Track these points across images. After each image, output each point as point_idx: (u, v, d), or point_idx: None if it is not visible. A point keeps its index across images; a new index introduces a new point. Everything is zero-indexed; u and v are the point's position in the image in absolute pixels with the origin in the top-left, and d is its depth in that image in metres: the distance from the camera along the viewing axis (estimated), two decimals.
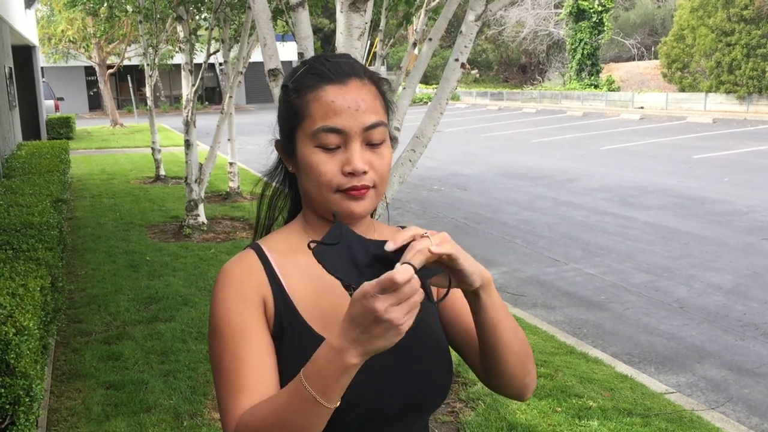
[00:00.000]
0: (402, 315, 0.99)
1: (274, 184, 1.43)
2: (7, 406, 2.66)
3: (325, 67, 1.26)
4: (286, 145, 1.31)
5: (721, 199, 10.86)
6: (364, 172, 1.21)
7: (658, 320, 5.99)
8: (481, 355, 1.27)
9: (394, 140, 1.34)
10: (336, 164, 1.21)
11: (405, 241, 1.05)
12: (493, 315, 1.19)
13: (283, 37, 6.68)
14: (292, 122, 1.27)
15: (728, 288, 6.74)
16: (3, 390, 2.63)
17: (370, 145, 1.24)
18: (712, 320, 5.95)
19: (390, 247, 1.07)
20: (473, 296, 1.17)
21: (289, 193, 1.41)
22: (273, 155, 1.41)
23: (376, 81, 1.30)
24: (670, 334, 5.70)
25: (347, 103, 1.22)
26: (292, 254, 1.30)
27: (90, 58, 27.61)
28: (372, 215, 1.39)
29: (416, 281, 1.00)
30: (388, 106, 1.31)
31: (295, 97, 1.27)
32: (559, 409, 4.19)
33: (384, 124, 1.26)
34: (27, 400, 2.75)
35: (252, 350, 1.19)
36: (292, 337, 1.22)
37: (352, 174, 1.21)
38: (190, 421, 4.05)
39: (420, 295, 1.00)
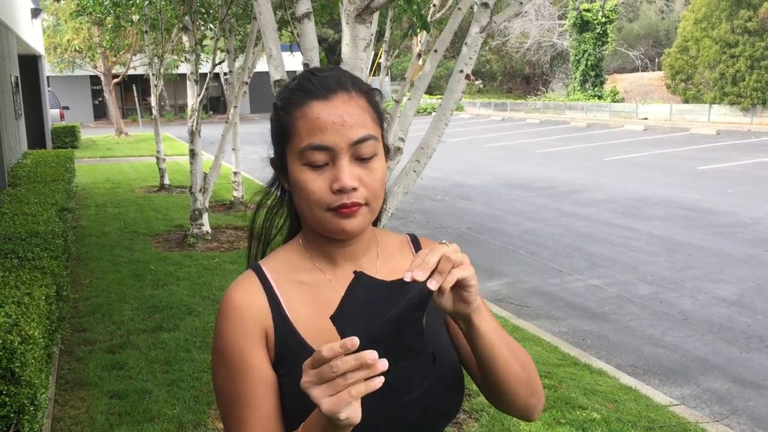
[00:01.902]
0: (322, 395, 0.94)
1: (269, 201, 1.39)
2: (12, 415, 2.67)
3: (311, 82, 1.23)
4: (279, 162, 1.28)
5: (725, 211, 10.84)
6: (354, 189, 1.17)
7: (662, 332, 5.98)
8: (481, 376, 1.26)
9: (397, 151, 1.32)
10: (325, 182, 1.18)
11: (431, 268, 1.02)
12: (487, 339, 1.17)
13: (290, 47, 6.69)
14: (282, 141, 1.25)
15: (732, 300, 6.73)
16: (8, 399, 2.64)
17: (360, 160, 1.19)
18: (716, 332, 5.94)
19: (408, 277, 1.01)
20: (465, 322, 1.15)
21: (288, 210, 1.38)
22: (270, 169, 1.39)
23: (366, 92, 1.25)
24: (675, 345, 5.68)
25: (332, 118, 1.18)
26: (293, 274, 1.28)
27: (95, 67, 27.73)
28: (376, 224, 1.37)
29: (357, 359, 0.92)
30: (381, 118, 1.27)
31: (283, 114, 1.24)
32: (563, 420, 4.18)
33: (373, 137, 1.21)
34: (31, 408, 2.76)
35: (257, 392, 1.18)
36: (293, 360, 1.19)
37: (341, 191, 1.17)
38: (194, 430, 4.05)
39: (359, 375, 0.92)
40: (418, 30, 5.66)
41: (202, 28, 10.94)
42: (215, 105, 41.42)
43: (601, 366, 5.18)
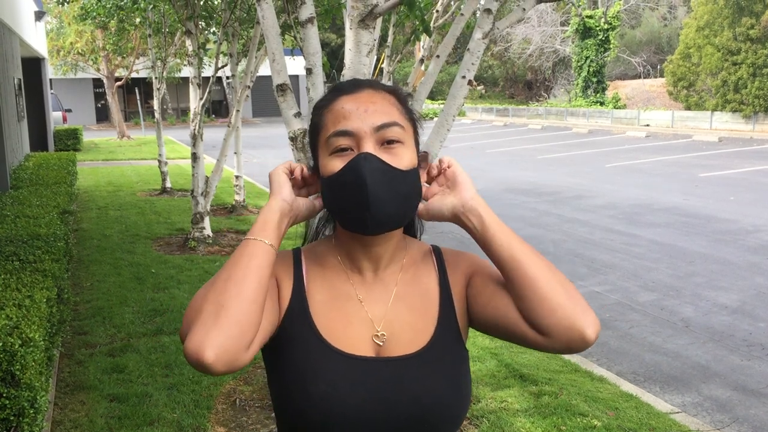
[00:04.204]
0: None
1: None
2: (12, 418, 2.66)
3: (344, 83, 1.30)
4: (315, 165, 1.32)
5: (726, 218, 10.83)
6: None
7: (663, 339, 5.97)
8: (516, 301, 1.25)
9: (423, 159, 1.34)
10: None
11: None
12: (500, 239, 1.25)
13: (292, 51, 6.71)
14: (314, 139, 1.31)
15: (734, 307, 6.72)
16: (8, 401, 2.63)
17: (386, 144, 1.22)
18: (717, 340, 5.93)
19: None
20: (473, 224, 1.26)
21: (328, 219, 1.44)
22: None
23: (394, 91, 1.30)
24: (676, 353, 5.67)
25: (356, 106, 1.23)
26: (320, 263, 1.33)
27: (98, 70, 27.77)
28: (412, 233, 1.41)
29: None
30: (412, 117, 1.31)
31: (315, 114, 1.31)
32: (564, 427, 4.17)
33: (398, 124, 1.24)
34: (31, 411, 2.75)
35: None
36: (295, 332, 1.25)
37: None
38: None
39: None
40: (421, 35, 5.66)
41: (205, 32, 10.97)
42: (218, 108, 41.50)
43: (602, 373, 5.17)
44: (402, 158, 1.22)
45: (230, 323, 1.10)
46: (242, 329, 1.11)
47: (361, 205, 1.19)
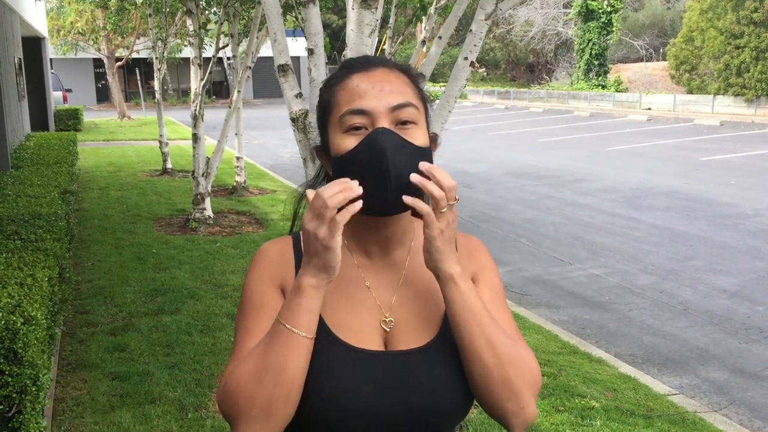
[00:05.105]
0: (314, 227, 1.11)
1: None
2: (14, 395, 2.68)
3: (354, 60, 1.28)
4: (323, 144, 1.29)
5: (727, 202, 10.84)
6: None
7: (662, 322, 6.00)
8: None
9: (433, 141, 1.31)
10: None
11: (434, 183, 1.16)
12: (456, 308, 1.20)
13: (294, 32, 6.69)
14: (324, 117, 1.28)
15: (733, 291, 6.74)
16: (10, 379, 2.65)
17: (401, 125, 1.21)
18: (716, 323, 5.96)
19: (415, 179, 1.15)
20: (438, 279, 1.22)
21: None
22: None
23: (407, 71, 1.29)
24: (674, 335, 5.70)
25: (371, 85, 1.22)
26: None
27: (99, 50, 27.65)
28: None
29: (323, 197, 1.10)
30: (423, 98, 1.29)
31: (325, 91, 1.28)
32: (562, 408, 4.20)
33: (413, 105, 1.22)
34: (34, 389, 2.77)
35: (261, 326, 1.23)
36: None
37: None
38: (195, 413, 4.07)
39: (332, 210, 1.09)
40: (422, 16, 5.64)
41: (206, 11, 10.92)
42: (218, 89, 41.36)
43: (600, 355, 5.20)
44: (416, 139, 1.21)
45: (282, 422, 1.16)
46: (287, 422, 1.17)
47: (382, 181, 1.15)
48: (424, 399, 1.21)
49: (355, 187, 1.11)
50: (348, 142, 1.20)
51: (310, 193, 1.13)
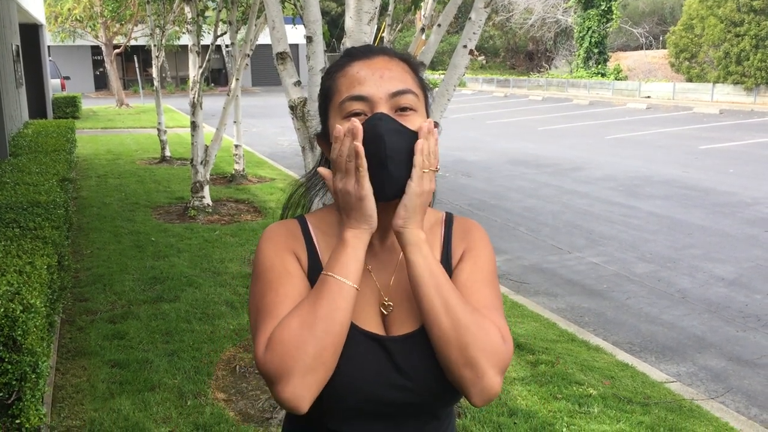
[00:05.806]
0: (343, 183, 1.19)
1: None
2: (14, 383, 2.69)
3: (355, 49, 1.30)
4: (323, 130, 1.32)
5: (726, 191, 10.85)
6: None
7: (659, 310, 6.01)
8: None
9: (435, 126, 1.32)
10: None
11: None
12: (414, 272, 1.22)
13: (293, 20, 6.66)
14: (325, 103, 1.30)
15: (731, 279, 6.76)
16: (10, 366, 2.66)
17: (401, 111, 1.23)
18: (713, 311, 5.97)
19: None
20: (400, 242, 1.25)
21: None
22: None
23: (407, 59, 1.31)
24: (672, 323, 5.72)
25: (372, 71, 1.24)
26: (328, 230, 1.33)
27: (97, 37, 27.56)
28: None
29: (340, 154, 1.18)
30: (423, 86, 1.31)
31: (327, 78, 1.31)
32: (560, 396, 4.22)
33: (413, 92, 1.25)
34: (33, 376, 2.78)
35: (292, 291, 1.24)
36: None
37: None
38: (194, 400, 4.09)
39: (351, 158, 1.16)
40: (421, 4, 5.63)
41: None
42: (217, 77, 41.25)
43: (598, 343, 5.22)
44: (415, 125, 1.22)
45: (327, 376, 1.18)
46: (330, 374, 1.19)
47: (379, 165, 1.19)
48: (419, 382, 1.24)
49: (354, 125, 1.17)
50: None
51: (322, 170, 1.24)
